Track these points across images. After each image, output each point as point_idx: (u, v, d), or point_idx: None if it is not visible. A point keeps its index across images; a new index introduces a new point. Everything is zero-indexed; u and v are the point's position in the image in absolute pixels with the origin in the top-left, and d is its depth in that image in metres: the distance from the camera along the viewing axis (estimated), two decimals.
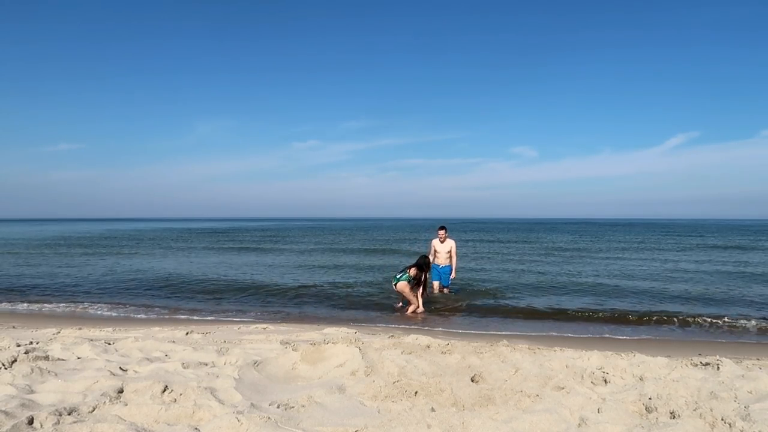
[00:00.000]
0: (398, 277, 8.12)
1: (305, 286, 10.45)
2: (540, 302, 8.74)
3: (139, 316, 7.64)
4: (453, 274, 9.25)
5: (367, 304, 8.62)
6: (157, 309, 8.30)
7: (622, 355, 3.70)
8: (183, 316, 7.57)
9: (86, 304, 8.55)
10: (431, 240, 9.45)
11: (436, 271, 9.19)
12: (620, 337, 6.35)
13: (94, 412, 2.35)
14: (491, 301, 8.78)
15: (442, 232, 9.19)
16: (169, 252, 20.73)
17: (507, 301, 8.78)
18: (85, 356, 3.55)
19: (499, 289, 10.00)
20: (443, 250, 9.16)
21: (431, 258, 9.10)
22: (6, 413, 2.19)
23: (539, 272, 13.41)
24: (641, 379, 3.08)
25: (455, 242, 9.38)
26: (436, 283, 9.21)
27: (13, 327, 5.76)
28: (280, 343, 4.24)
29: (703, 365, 3.39)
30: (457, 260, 9.32)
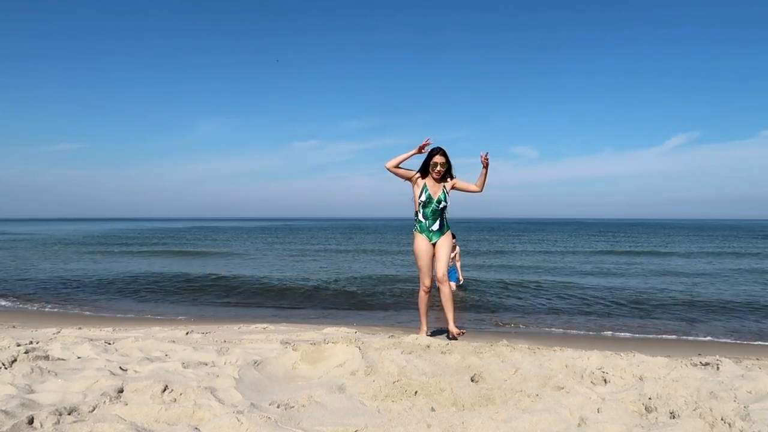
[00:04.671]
0: (431, 228, 4.84)
1: (305, 286, 10.45)
2: (540, 301, 8.74)
3: (138, 315, 7.64)
4: (460, 279, 9.76)
5: (367, 304, 8.62)
6: (157, 309, 8.31)
7: (622, 354, 3.70)
8: (184, 315, 7.58)
9: (85, 303, 8.55)
10: None
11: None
12: (620, 337, 6.36)
13: (95, 412, 2.35)
14: (491, 301, 8.78)
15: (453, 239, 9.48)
16: (175, 251, 20.73)
17: (507, 301, 8.79)
18: (86, 356, 3.55)
19: (499, 289, 10.01)
20: (453, 253, 9.37)
21: None
22: (6, 413, 2.20)
23: (539, 271, 13.41)
24: (641, 378, 3.08)
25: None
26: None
27: (13, 326, 5.76)
28: (280, 342, 4.24)
29: (703, 365, 3.39)
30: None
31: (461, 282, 9.75)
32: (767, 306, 8.44)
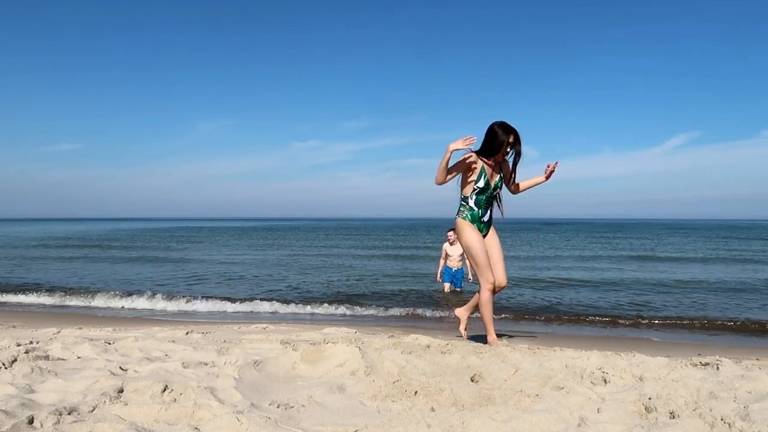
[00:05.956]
0: (482, 218, 4.22)
1: (305, 286, 10.45)
2: (539, 302, 8.74)
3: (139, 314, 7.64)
4: (469, 277, 9.01)
5: (368, 304, 8.62)
6: (157, 309, 8.32)
7: (622, 354, 3.70)
8: (182, 315, 7.58)
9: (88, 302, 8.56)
10: (443, 244, 9.38)
11: (448, 274, 9.23)
12: (620, 337, 6.35)
13: (94, 412, 2.35)
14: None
15: (451, 233, 8.93)
16: (181, 250, 20.72)
17: (506, 301, 8.78)
18: (85, 356, 3.55)
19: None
20: (456, 253, 9.03)
21: (443, 261, 9.20)
22: (6, 413, 2.20)
23: (538, 272, 13.41)
24: (641, 379, 3.07)
25: None
26: (447, 285, 9.29)
27: (13, 326, 5.76)
28: (280, 342, 4.24)
29: (703, 365, 3.38)
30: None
31: (470, 280, 9.33)
32: (766, 306, 8.45)
